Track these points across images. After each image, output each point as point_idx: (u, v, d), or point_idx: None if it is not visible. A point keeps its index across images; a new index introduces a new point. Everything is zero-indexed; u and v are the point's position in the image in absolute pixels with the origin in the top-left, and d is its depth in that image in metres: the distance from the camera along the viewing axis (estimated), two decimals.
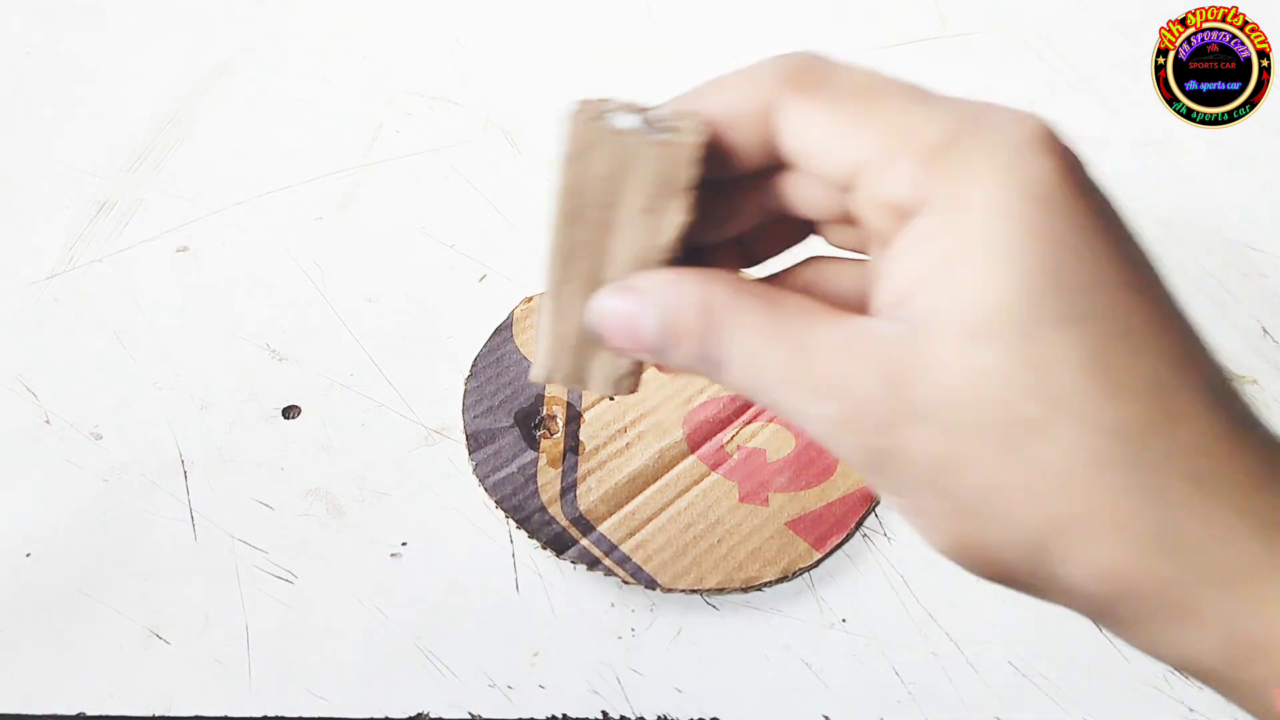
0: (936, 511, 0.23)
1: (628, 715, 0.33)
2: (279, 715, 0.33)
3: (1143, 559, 0.21)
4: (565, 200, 0.27)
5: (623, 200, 0.27)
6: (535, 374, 0.33)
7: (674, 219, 0.26)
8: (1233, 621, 0.21)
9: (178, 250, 0.47)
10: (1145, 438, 0.21)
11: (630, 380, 0.33)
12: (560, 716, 0.33)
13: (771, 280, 0.28)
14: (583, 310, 0.30)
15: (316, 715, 0.33)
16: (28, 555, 0.36)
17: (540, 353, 0.31)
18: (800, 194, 0.26)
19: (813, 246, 0.27)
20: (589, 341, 0.31)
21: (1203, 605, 0.21)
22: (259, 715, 0.33)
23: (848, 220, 0.25)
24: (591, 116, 0.25)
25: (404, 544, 0.37)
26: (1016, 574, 0.23)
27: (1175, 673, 0.34)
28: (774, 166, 0.26)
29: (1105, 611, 0.22)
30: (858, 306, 0.25)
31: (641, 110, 0.25)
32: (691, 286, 0.26)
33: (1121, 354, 0.22)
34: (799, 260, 0.28)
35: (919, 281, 0.23)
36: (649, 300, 0.26)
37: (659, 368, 0.28)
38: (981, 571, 0.23)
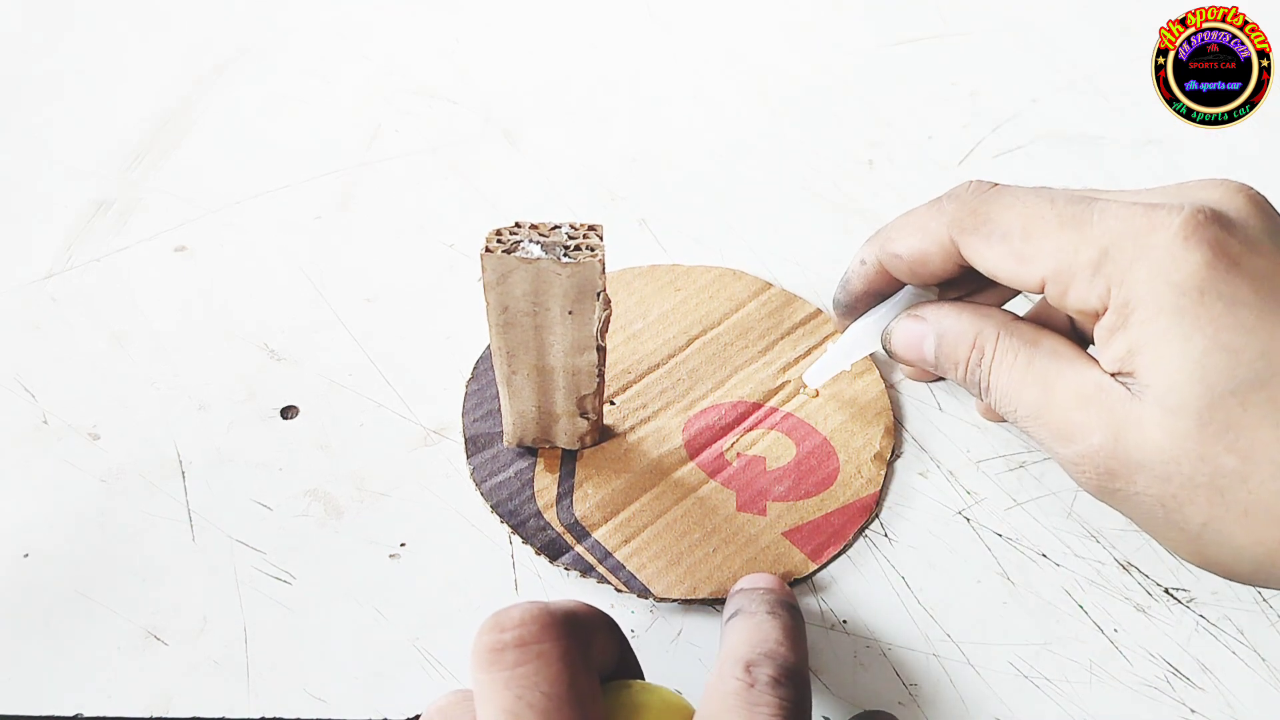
0: (1170, 537, 0.29)
1: None
2: (277, 716, 0.33)
3: None
4: (497, 315, 0.31)
5: (547, 307, 0.31)
6: (507, 440, 0.38)
7: (598, 314, 0.31)
8: None
9: (176, 250, 0.47)
10: None
11: (590, 435, 0.38)
12: None
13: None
14: (534, 392, 0.35)
15: (315, 716, 0.33)
16: (25, 555, 0.36)
17: (507, 425, 0.36)
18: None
19: None
20: (546, 413, 0.36)
21: None
22: (257, 716, 0.33)
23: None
24: (504, 248, 0.29)
25: (403, 545, 0.37)
26: (1252, 579, 0.29)
27: (1176, 673, 0.34)
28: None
29: None
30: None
31: (543, 235, 0.30)
32: (966, 320, 0.31)
33: None
34: None
35: (1119, 364, 0.28)
36: (931, 327, 0.32)
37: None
38: (1223, 575, 0.29)
